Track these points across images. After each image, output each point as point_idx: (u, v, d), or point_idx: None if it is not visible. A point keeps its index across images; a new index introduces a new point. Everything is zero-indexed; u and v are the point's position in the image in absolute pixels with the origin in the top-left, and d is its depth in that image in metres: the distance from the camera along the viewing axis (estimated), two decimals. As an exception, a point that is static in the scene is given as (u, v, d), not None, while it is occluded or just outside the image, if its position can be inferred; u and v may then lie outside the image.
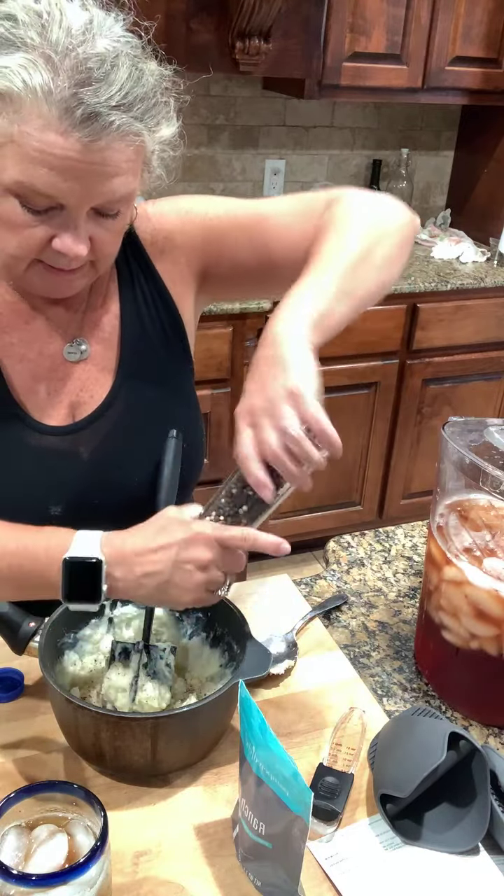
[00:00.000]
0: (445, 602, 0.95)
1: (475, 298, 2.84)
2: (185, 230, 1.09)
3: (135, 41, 0.88)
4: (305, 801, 0.66)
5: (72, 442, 1.03)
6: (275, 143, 3.06)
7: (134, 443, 1.05)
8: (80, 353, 1.05)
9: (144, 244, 1.08)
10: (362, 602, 1.17)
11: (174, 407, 1.10)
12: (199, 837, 0.81)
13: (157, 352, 1.09)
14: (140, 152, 0.90)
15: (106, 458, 1.04)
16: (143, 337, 1.07)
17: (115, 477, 1.04)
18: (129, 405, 1.06)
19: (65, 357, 1.04)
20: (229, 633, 0.94)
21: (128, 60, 0.84)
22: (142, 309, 1.07)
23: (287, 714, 0.95)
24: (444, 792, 0.84)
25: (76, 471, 1.03)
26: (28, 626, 0.89)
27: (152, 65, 0.90)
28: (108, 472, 1.04)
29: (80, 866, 0.64)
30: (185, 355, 1.12)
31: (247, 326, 2.47)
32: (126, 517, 1.07)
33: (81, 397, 1.05)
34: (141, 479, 1.04)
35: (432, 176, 3.38)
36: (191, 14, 2.35)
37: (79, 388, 1.05)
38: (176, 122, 0.97)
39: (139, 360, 1.07)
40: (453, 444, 0.93)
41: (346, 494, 2.96)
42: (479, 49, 2.79)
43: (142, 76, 0.86)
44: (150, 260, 1.08)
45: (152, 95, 0.88)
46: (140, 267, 1.08)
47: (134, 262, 1.08)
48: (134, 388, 1.06)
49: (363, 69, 2.66)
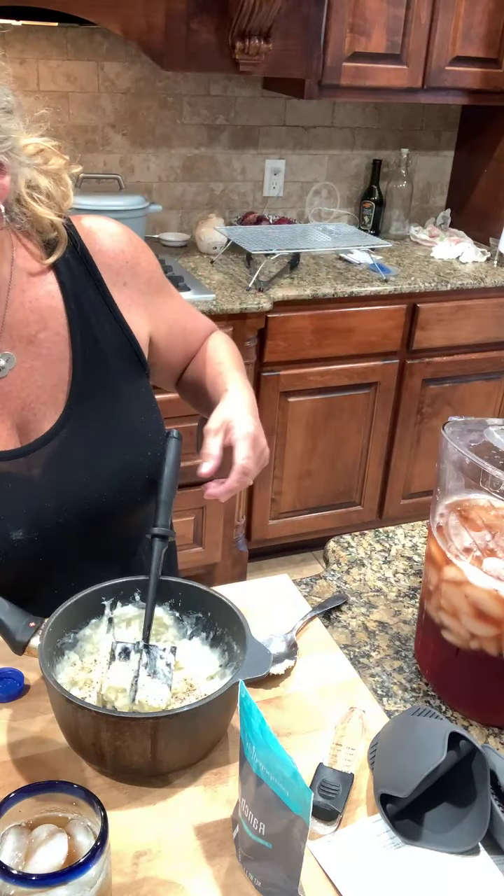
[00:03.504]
0: (445, 602, 0.95)
1: (475, 298, 2.84)
2: (145, 267, 1.13)
3: None
4: (305, 801, 0.66)
5: (23, 465, 1.01)
6: (275, 143, 3.06)
7: (96, 459, 1.04)
8: (2, 369, 1.02)
9: (101, 266, 1.08)
10: (362, 602, 1.17)
11: (136, 416, 1.09)
12: (199, 837, 0.81)
13: (111, 366, 1.07)
14: None
15: (63, 479, 1.02)
16: (96, 353, 1.06)
17: (77, 495, 1.03)
18: (86, 424, 1.04)
19: None
20: (229, 633, 0.94)
21: None
22: (91, 323, 1.06)
23: (287, 714, 0.95)
24: (444, 792, 0.84)
25: (30, 493, 1.01)
26: (28, 626, 0.89)
27: None
28: (68, 491, 1.02)
29: (80, 866, 0.64)
30: (140, 364, 1.11)
31: (247, 326, 2.47)
32: (98, 531, 1.07)
33: (25, 416, 1.03)
34: (109, 492, 1.04)
35: (432, 176, 3.38)
36: (191, 14, 2.35)
37: (20, 407, 1.02)
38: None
39: (93, 378, 1.05)
40: (453, 444, 0.93)
41: (346, 494, 2.96)
42: (479, 49, 2.79)
43: None
44: (102, 279, 1.08)
45: None
46: (92, 283, 1.07)
47: (84, 279, 1.06)
48: (91, 406, 1.05)
49: (363, 69, 2.66)
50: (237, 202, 3.11)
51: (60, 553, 1.04)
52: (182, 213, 3.04)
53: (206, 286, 2.53)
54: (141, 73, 2.76)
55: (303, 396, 2.72)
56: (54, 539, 1.03)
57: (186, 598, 0.98)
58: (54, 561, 1.04)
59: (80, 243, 1.06)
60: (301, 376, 2.68)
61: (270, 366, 2.62)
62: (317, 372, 2.70)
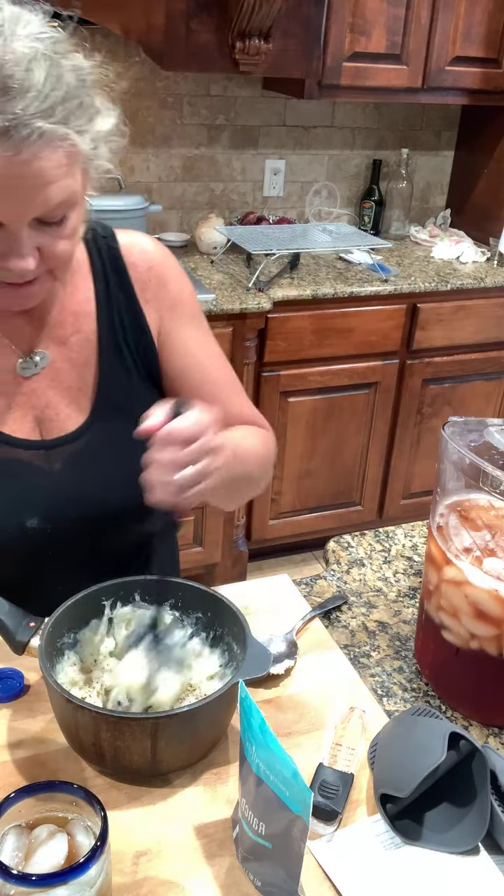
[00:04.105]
0: (445, 602, 0.95)
1: (475, 298, 2.84)
2: (176, 290, 1.12)
3: (55, 35, 0.84)
4: (305, 801, 0.66)
5: (43, 457, 1.04)
6: (275, 143, 3.06)
7: (114, 465, 1.05)
8: (35, 366, 1.05)
9: (133, 279, 1.09)
10: (362, 602, 1.17)
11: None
12: (199, 837, 0.81)
13: (134, 377, 1.09)
14: (73, 155, 0.85)
15: (81, 477, 1.05)
16: (120, 362, 1.08)
17: (92, 494, 1.05)
18: (108, 430, 1.06)
19: (18, 371, 1.04)
20: (229, 633, 0.94)
21: (44, 63, 0.79)
22: (118, 333, 1.08)
23: (287, 714, 0.95)
24: (444, 792, 0.84)
25: (49, 484, 1.04)
26: (28, 626, 0.89)
27: (77, 59, 0.86)
28: (84, 489, 1.05)
29: (80, 866, 0.64)
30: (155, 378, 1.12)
31: (247, 326, 2.47)
32: (111, 534, 1.07)
33: (47, 414, 1.05)
34: (124, 497, 1.03)
35: (432, 176, 3.38)
36: (191, 14, 2.35)
37: (43, 404, 1.05)
38: (113, 112, 0.92)
39: (116, 385, 1.07)
40: (453, 444, 0.93)
41: (346, 494, 2.96)
42: (479, 49, 2.79)
43: (61, 77, 0.81)
44: (134, 293, 1.09)
45: (75, 95, 0.83)
46: (123, 296, 1.08)
47: (117, 290, 1.08)
48: (114, 410, 1.07)
49: (363, 69, 2.66)
50: (237, 202, 3.11)
51: (72, 550, 1.05)
52: (182, 213, 3.04)
53: (206, 286, 2.53)
54: (141, 73, 2.76)
55: (303, 396, 2.72)
56: (67, 534, 1.04)
57: (186, 598, 0.98)
58: (65, 557, 1.06)
59: (117, 254, 1.08)
60: (301, 376, 2.68)
61: (270, 366, 2.63)
62: (317, 372, 2.70)
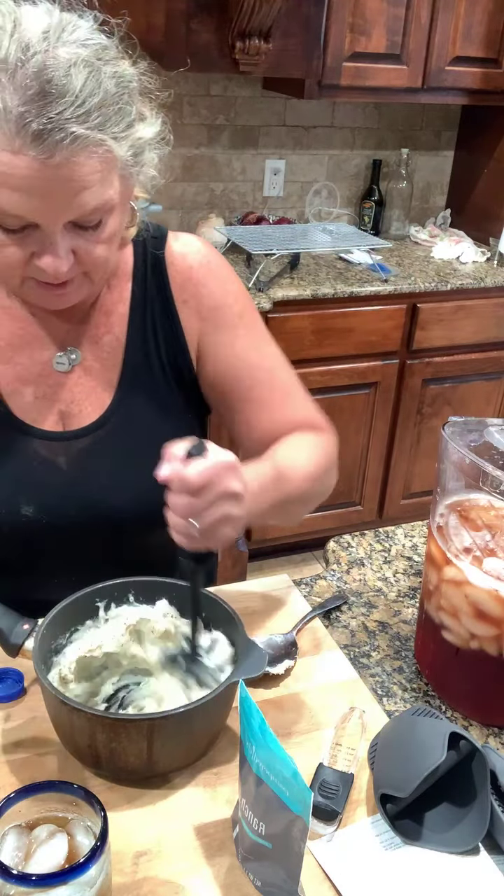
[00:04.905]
0: (445, 602, 0.95)
1: (475, 298, 2.84)
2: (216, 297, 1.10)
3: (103, 41, 0.84)
4: (305, 801, 0.66)
5: (53, 450, 1.05)
6: (275, 143, 3.06)
7: (121, 469, 1.05)
8: (69, 362, 1.06)
9: (172, 281, 1.08)
10: (362, 602, 1.17)
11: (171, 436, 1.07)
12: (199, 837, 0.81)
13: (159, 382, 1.09)
14: (109, 161, 0.85)
15: (86, 475, 1.05)
16: (146, 367, 1.08)
17: (94, 494, 1.05)
18: (120, 429, 1.06)
19: (53, 366, 1.05)
20: (224, 634, 0.94)
21: (84, 69, 0.79)
22: (149, 336, 1.08)
23: (287, 714, 0.95)
24: (444, 792, 0.84)
25: (51, 477, 1.04)
26: (22, 627, 0.88)
27: (122, 66, 0.86)
28: (87, 488, 1.05)
29: (80, 866, 0.64)
30: (187, 381, 1.10)
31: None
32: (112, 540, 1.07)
33: (71, 409, 1.06)
34: (125, 505, 1.04)
35: (432, 176, 3.38)
36: (191, 14, 2.35)
37: (69, 399, 1.06)
38: (157, 120, 0.92)
39: (137, 390, 1.08)
40: (453, 444, 0.93)
41: (346, 494, 2.96)
42: (479, 49, 2.79)
43: (100, 83, 0.81)
44: (171, 295, 1.08)
45: (113, 101, 0.83)
46: (160, 298, 1.08)
47: (155, 292, 1.08)
48: (128, 414, 1.07)
49: (363, 69, 2.66)
50: (237, 202, 3.11)
51: (65, 545, 1.05)
52: (182, 213, 3.04)
53: (206, 286, 2.53)
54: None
55: (303, 396, 2.71)
56: (63, 530, 1.04)
57: (181, 599, 0.98)
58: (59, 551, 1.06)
59: (161, 256, 1.08)
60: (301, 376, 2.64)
61: (270, 366, 2.62)
62: (317, 372, 2.70)
